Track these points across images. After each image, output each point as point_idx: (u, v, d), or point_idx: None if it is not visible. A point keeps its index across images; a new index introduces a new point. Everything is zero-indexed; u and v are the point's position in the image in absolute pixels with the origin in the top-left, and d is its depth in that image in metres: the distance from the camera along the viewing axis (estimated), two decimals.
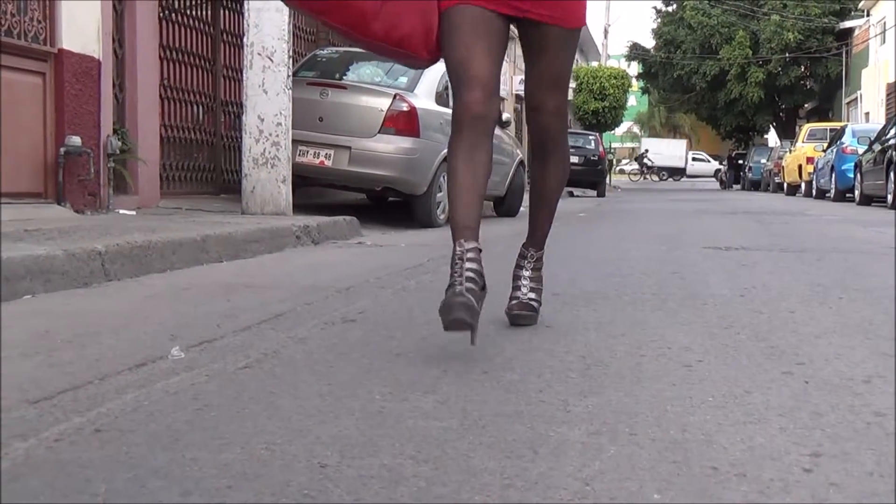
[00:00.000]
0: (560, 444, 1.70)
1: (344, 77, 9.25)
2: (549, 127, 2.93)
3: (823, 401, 2.03)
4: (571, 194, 23.35)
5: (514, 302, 3.00)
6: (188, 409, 1.93)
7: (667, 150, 58.16)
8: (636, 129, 74.96)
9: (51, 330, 2.84)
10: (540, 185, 3.08)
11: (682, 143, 60.56)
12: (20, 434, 1.74)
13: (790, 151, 25.67)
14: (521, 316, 2.97)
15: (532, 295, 3.03)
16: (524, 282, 3.03)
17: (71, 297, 3.61)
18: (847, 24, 35.62)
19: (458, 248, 2.51)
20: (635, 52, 43.13)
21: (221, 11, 10.21)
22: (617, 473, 1.54)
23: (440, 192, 8.76)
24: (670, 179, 55.95)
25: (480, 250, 2.53)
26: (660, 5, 42.56)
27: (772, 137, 44.19)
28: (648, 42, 43.36)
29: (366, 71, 9.44)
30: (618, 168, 52.20)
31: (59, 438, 1.72)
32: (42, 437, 1.72)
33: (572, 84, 40.63)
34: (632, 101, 49.55)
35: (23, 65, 6.33)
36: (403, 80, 8.97)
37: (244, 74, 7.67)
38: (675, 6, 41.15)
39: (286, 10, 7.37)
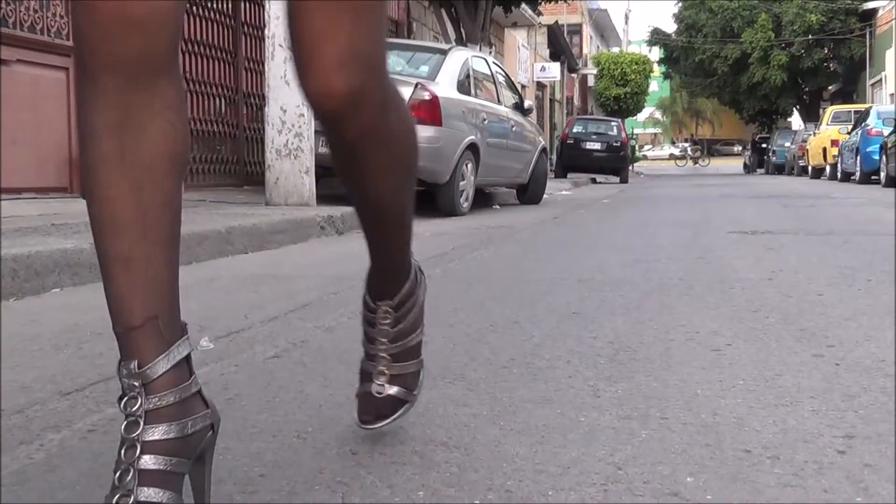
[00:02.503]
0: (591, 429, 1.70)
1: None
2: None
3: (855, 383, 2.01)
4: (594, 181, 23.27)
5: (362, 403, 1.62)
6: (219, 399, 1.93)
7: None
8: (658, 115, 74.67)
9: (80, 323, 2.86)
10: (353, 186, 1.53)
11: None
12: (54, 425, 1.75)
13: (814, 134, 25.49)
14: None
15: (394, 390, 1.61)
16: (379, 364, 1.61)
17: (98, 290, 3.61)
18: (870, 4, 35.23)
19: (126, 386, 1.16)
20: (656, 37, 42.90)
21: (242, 3, 10.23)
22: (649, 457, 1.53)
23: (463, 180, 8.77)
24: None
25: (191, 372, 1.24)
26: None
27: (795, 120, 43.79)
28: (669, 27, 43.11)
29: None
30: (641, 154, 51.05)
31: (92, 429, 1.73)
32: (75, 428, 1.74)
33: (593, 70, 40.51)
34: (653, 86, 49.33)
35: (46, 60, 6.37)
36: (425, 69, 8.96)
37: (266, 66, 7.67)
38: None
39: None
